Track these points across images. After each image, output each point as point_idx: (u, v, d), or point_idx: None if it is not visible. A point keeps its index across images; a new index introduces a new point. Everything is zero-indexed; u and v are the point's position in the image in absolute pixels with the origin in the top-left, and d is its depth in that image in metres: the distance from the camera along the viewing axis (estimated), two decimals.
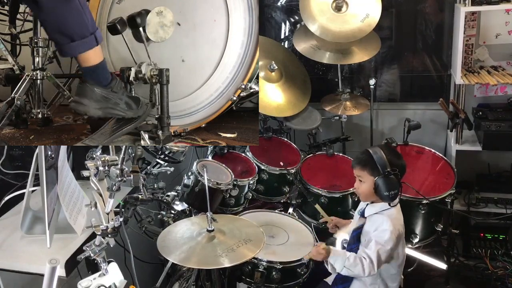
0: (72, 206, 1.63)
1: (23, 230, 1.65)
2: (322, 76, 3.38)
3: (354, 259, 1.69)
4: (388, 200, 1.72)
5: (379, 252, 1.67)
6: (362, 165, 1.78)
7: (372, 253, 1.67)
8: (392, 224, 1.71)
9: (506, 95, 2.98)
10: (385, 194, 1.69)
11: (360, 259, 1.68)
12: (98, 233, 1.36)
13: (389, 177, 1.69)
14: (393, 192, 1.69)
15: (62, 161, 1.61)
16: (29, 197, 1.67)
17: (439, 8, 3.15)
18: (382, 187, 1.69)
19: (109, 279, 1.36)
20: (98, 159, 1.39)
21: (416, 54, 3.27)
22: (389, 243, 1.69)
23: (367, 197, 1.81)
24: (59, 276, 1.26)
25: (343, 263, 1.69)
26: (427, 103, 3.23)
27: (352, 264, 1.68)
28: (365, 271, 1.66)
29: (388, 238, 1.69)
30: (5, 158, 2.00)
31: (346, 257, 1.70)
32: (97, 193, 1.43)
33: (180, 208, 2.13)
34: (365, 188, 1.78)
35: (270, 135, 2.82)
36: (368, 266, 1.66)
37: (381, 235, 1.70)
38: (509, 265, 2.68)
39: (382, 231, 1.71)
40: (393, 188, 1.69)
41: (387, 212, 1.75)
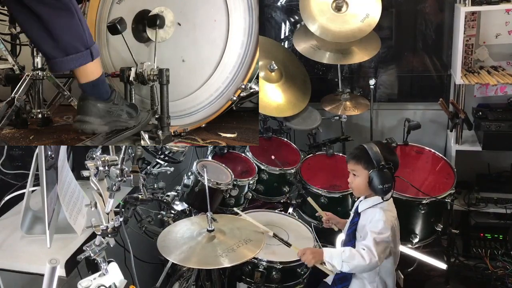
0: (72, 206, 1.63)
1: (23, 230, 1.65)
2: (322, 76, 3.38)
3: (350, 251, 1.68)
4: (382, 194, 1.73)
5: (376, 239, 1.66)
6: (357, 159, 1.79)
7: (368, 242, 1.67)
8: (385, 215, 1.72)
9: (506, 95, 2.97)
10: (379, 187, 1.71)
11: (357, 250, 1.68)
12: (98, 233, 1.36)
13: (383, 170, 1.70)
14: (386, 185, 1.71)
15: (62, 161, 1.61)
16: (29, 197, 1.67)
17: (439, 8, 3.15)
18: (376, 180, 1.71)
19: (109, 279, 1.36)
20: (98, 159, 1.39)
21: (416, 54, 3.27)
22: (385, 231, 1.68)
23: (360, 191, 1.83)
24: (59, 276, 1.26)
25: (341, 258, 1.67)
26: (427, 103, 3.23)
27: (350, 256, 1.66)
28: (365, 259, 1.64)
29: (382, 227, 1.69)
30: (5, 158, 2.00)
31: (341, 252, 1.69)
32: (97, 193, 1.43)
33: (180, 208, 2.13)
34: (358, 182, 1.79)
35: (270, 135, 2.82)
36: (367, 253, 1.64)
37: (375, 225, 1.71)
38: (509, 265, 2.69)
39: (375, 222, 1.72)
40: (387, 182, 1.71)
41: (380, 205, 1.76)
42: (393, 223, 1.74)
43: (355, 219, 1.86)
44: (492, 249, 2.80)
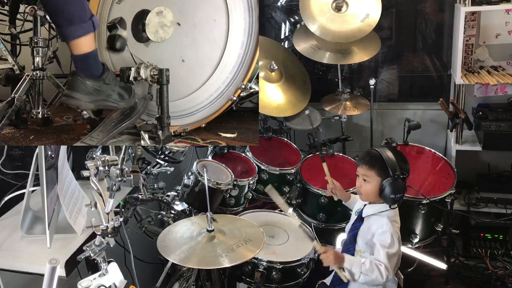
0: (72, 206, 1.63)
1: (23, 230, 1.65)
2: (322, 76, 3.39)
3: (370, 264, 1.63)
4: (392, 202, 1.70)
5: (388, 254, 1.64)
6: (370, 165, 1.74)
7: (383, 258, 1.64)
8: (392, 227, 1.69)
9: (506, 95, 2.98)
10: (391, 197, 1.67)
11: (376, 264, 1.63)
12: (98, 233, 1.36)
13: (397, 180, 1.67)
14: (398, 195, 1.68)
15: (62, 161, 1.61)
16: (29, 197, 1.67)
17: (439, 8, 3.15)
18: (389, 189, 1.67)
19: (109, 279, 1.36)
20: (98, 159, 1.39)
21: (416, 54, 3.27)
22: (393, 246, 1.66)
23: (368, 197, 1.79)
24: (59, 276, 1.26)
25: (360, 269, 1.63)
26: (427, 103, 3.23)
27: (369, 270, 1.62)
28: (383, 276, 1.61)
29: (391, 241, 1.66)
30: (5, 158, 2.00)
31: (361, 263, 1.64)
32: (97, 193, 1.43)
33: (180, 208, 2.13)
34: (368, 188, 1.75)
35: (270, 135, 2.82)
36: (385, 271, 1.61)
37: (383, 238, 1.68)
38: (509, 265, 2.69)
39: (382, 234, 1.69)
40: (399, 192, 1.68)
41: (386, 214, 1.73)
42: (398, 234, 1.71)
43: (357, 223, 1.83)
44: (492, 249, 2.79)
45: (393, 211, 1.74)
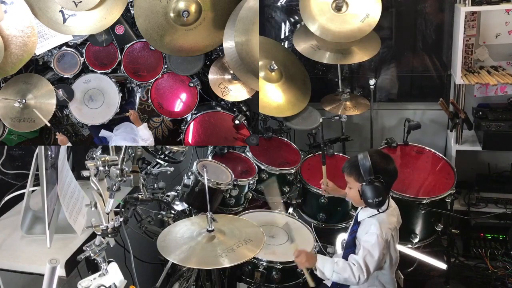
0: (72, 206, 1.63)
1: (23, 230, 1.65)
2: (322, 76, 3.38)
3: (343, 264, 1.66)
4: (374, 207, 1.71)
5: (366, 259, 1.65)
6: (348, 171, 1.76)
7: (359, 258, 1.66)
8: (380, 228, 1.69)
9: (506, 95, 2.97)
10: (369, 202, 1.68)
11: (348, 264, 1.66)
12: (98, 233, 1.36)
13: (373, 184, 1.66)
14: (377, 200, 1.66)
15: (62, 161, 1.61)
16: (29, 197, 1.67)
17: (439, 8, 3.15)
18: (365, 194, 1.67)
19: (109, 279, 1.36)
20: (98, 159, 1.39)
21: (416, 54, 3.27)
22: (375, 248, 1.66)
23: (356, 202, 1.80)
24: (59, 276, 1.26)
25: (333, 268, 1.66)
26: (427, 103, 3.23)
27: (342, 269, 1.65)
28: (355, 276, 1.63)
29: (374, 242, 1.66)
30: (5, 158, 2.00)
31: (334, 262, 1.67)
32: (97, 193, 1.43)
33: (180, 208, 2.13)
34: (353, 194, 1.77)
35: (270, 135, 2.82)
36: (357, 271, 1.63)
37: (368, 239, 1.69)
38: (509, 265, 2.68)
39: (370, 235, 1.70)
40: (377, 196, 1.66)
41: (377, 216, 1.74)
42: (388, 236, 1.70)
43: (354, 227, 1.84)
44: (492, 249, 2.79)
45: (385, 213, 1.74)
